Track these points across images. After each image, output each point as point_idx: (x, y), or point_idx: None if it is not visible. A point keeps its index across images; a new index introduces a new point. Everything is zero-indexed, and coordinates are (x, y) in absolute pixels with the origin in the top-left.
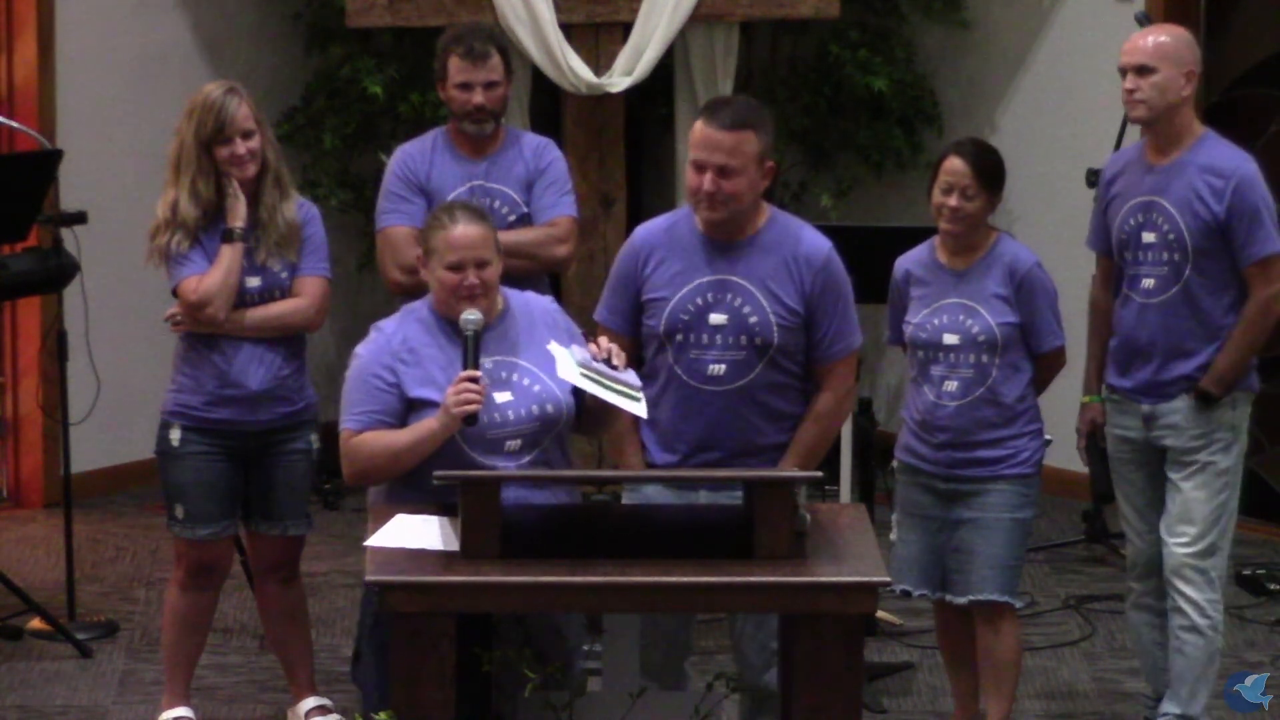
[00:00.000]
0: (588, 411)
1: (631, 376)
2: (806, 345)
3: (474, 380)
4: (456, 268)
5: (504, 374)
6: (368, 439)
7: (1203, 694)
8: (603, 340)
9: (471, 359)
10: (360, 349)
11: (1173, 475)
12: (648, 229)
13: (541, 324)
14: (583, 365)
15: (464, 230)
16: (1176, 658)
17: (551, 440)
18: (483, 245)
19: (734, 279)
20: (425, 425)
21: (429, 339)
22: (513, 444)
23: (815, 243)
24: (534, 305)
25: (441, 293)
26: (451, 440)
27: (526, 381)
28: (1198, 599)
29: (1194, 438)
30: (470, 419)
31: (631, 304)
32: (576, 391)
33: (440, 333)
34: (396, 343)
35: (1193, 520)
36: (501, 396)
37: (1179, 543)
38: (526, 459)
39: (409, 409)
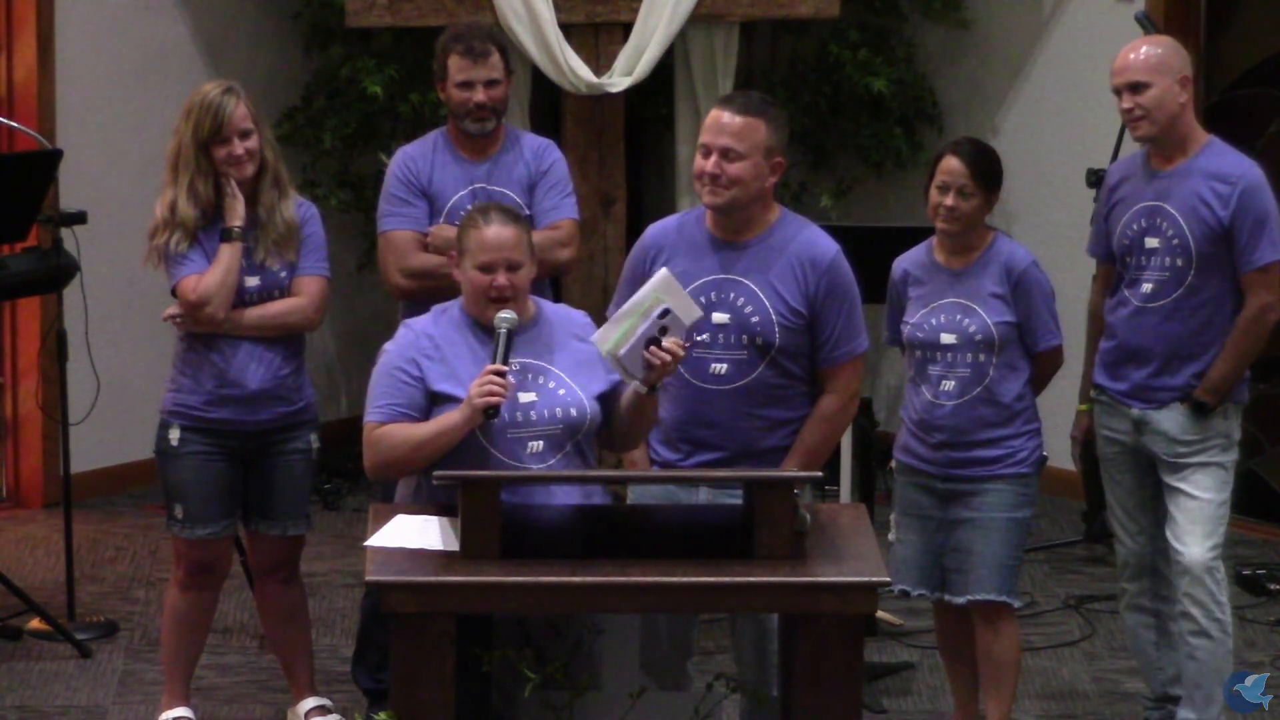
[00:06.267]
0: (617, 424)
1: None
2: (811, 348)
3: (500, 374)
4: (487, 269)
5: (531, 376)
6: (390, 430)
7: (1219, 697)
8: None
9: (501, 355)
10: (388, 345)
11: (1171, 480)
12: (658, 227)
13: (574, 337)
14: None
15: (497, 231)
16: (1189, 663)
17: (574, 447)
18: (514, 247)
19: (738, 278)
20: (447, 418)
21: (458, 337)
22: (535, 445)
23: (822, 245)
24: (569, 316)
25: (471, 293)
26: (475, 439)
27: (552, 385)
28: (1207, 602)
29: (1185, 445)
30: (491, 412)
31: None
32: (604, 402)
33: (470, 332)
34: (424, 339)
35: (1199, 522)
36: (526, 397)
37: (1188, 546)
38: (551, 462)
39: (432, 404)
